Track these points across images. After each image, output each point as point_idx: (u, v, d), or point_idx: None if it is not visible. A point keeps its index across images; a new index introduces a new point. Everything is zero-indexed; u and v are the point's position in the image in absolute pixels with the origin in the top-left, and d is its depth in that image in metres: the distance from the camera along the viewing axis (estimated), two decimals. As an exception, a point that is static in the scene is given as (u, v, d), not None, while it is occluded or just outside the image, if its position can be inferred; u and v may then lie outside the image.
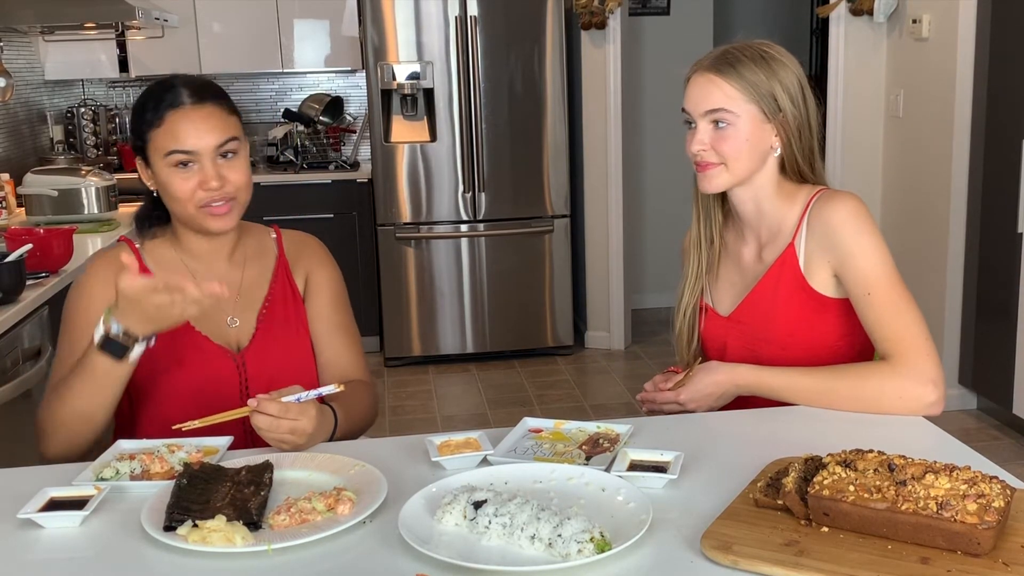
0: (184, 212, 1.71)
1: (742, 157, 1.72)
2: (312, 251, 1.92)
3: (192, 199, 1.68)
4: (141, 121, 1.70)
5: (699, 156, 1.73)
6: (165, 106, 1.68)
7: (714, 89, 1.70)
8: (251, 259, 1.85)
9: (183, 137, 1.66)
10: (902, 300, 1.67)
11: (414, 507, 1.30)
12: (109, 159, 5.15)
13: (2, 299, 2.46)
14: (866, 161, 4.57)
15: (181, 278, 1.54)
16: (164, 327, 1.57)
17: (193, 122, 1.67)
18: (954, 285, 4.10)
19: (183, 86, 1.70)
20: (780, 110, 1.71)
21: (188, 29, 5.10)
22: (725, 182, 1.74)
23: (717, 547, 1.18)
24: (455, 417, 4.42)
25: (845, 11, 4.49)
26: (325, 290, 1.89)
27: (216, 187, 1.67)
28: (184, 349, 1.74)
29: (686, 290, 1.89)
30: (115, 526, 1.33)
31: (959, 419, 4.07)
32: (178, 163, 1.67)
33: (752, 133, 1.71)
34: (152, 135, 1.68)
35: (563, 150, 5.01)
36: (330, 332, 1.87)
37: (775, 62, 1.72)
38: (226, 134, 1.69)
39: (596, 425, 1.59)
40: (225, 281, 1.78)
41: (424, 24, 4.83)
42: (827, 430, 1.58)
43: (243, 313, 1.81)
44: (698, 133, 1.72)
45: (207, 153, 1.67)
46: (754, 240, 1.82)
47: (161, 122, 1.67)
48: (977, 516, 1.13)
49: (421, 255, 5.04)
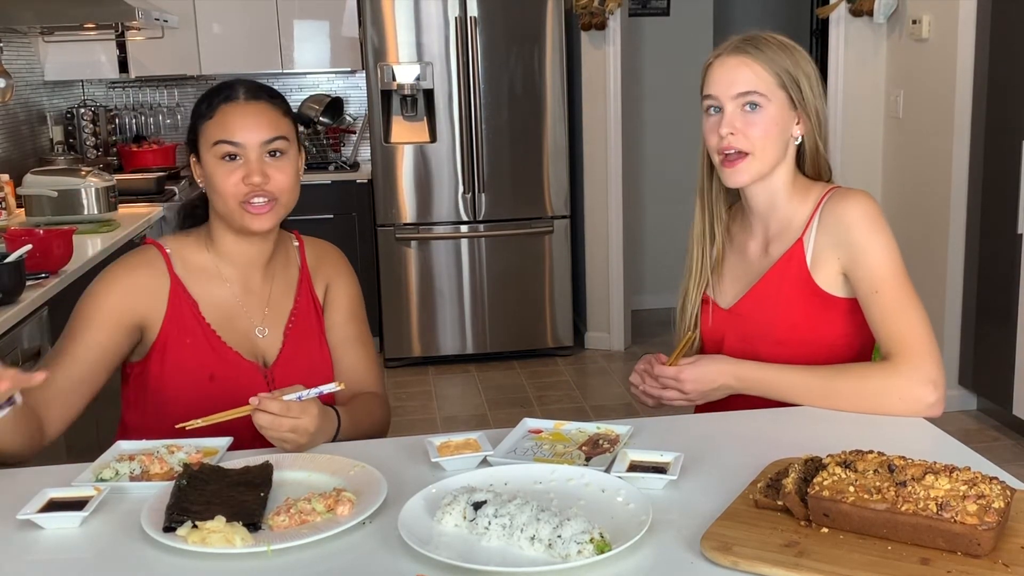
0: (225, 207, 1.70)
1: (769, 145, 1.69)
2: (333, 262, 1.91)
3: (235, 194, 1.68)
4: (196, 115, 1.73)
5: (727, 141, 1.68)
6: (219, 100, 1.70)
7: (746, 71, 1.68)
8: (279, 269, 1.84)
9: (232, 129, 1.68)
10: (909, 300, 1.67)
11: (414, 508, 1.30)
12: (109, 160, 5.15)
13: (2, 300, 2.46)
14: (866, 161, 4.57)
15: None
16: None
17: (244, 115, 1.69)
18: (954, 285, 4.10)
19: (241, 84, 1.73)
20: (804, 100, 1.70)
21: (188, 30, 5.10)
22: (753, 174, 1.71)
23: (717, 548, 1.18)
24: (455, 418, 4.42)
25: (845, 12, 4.49)
26: (343, 302, 1.89)
27: (259, 182, 1.67)
28: (215, 364, 1.73)
29: (691, 285, 1.87)
30: (115, 527, 1.33)
31: (959, 420, 4.07)
32: (224, 155, 1.68)
33: (781, 119, 1.69)
34: (204, 127, 1.70)
35: (563, 151, 5.01)
36: (347, 344, 1.87)
37: (797, 52, 1.72)
38: (275, 131, 1.70)
39: (596, 426, 1.59)
40: (255, 292, 1.80)
41: (424, 25, 4.83)
42: (827, 431, 1.58)
43: (271, 325, 1.80)
44: (727, 116, 1.68)
45: (253, 147, 1.68)
46: (762, 233, 1.81)
47: (213, 114, 1.69)
48: (977, 517, 1.13)
49: (421, 256, 5.04)
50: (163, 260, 1.76)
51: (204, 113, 1.71)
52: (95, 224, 3.65)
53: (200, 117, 1.72)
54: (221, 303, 1.77)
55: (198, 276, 1.77)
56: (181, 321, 1.74)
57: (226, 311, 1.77)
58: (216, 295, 1.77)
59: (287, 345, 1.79)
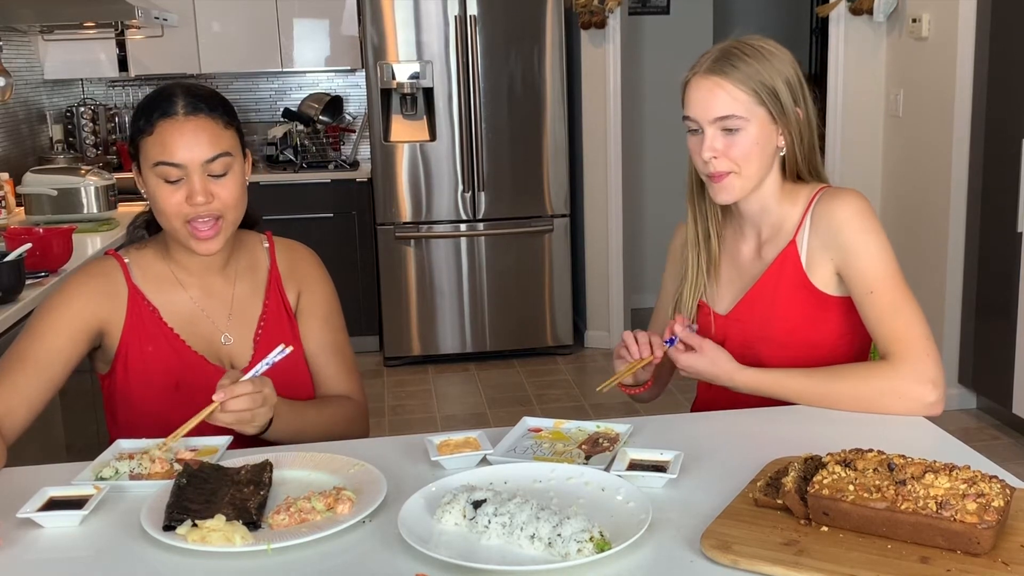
0: (170, 226, 1.66)
1: (753, 162, 1.68)
2: (306, 265, 1.86)
3: (178, 214, 1.63)
4: (135, 128, 1.66)
5: (710, 165, 1.67)
6: (158, 115, 1.62)
7: (721, 94, 1.65)
8: (243, 272, 1.80)
9: (171, 149, 1.61)
10: (904, 299, 1.66)
11: (414, 507, 1.30)
12: (108, 159, 5.15)
13: (1, 298, 2.46)
14: (866, 161, 4.57)
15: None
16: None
17: (183, 134, 1.61)
18: (954, 285, 4.10)
19: (180, 95, 1.64)
20: (784, 111, 1.68)
21: (187, 28, 5.10)
22: (740, 191, 1.70)
23: (717, 546, 1.18)
24: (454, 416, 4.42)
25: (845, 10, 4.49)
26: (319, 309, 1.84)
27: (202, 202, 1.61)
28: (180, 370, 1.71)
29: (685, 291, 1.85)
30: (114, 526, 1.33)
31: (959, 419, 4.07)
32: (164, 176, 1.62)
33: (762, 136, 1.67)
34: (143, 143, 1.63)
35: (563, 150, 5.01)
36: (323, 352, 1.83)
37: (774, 58, 1.68)
38: (217, 149, 1.62)
39: (596, 424, 1.59)
40: (217, 296, 1.77)
41: (424, 23, 4.83)
42: (827, 430, 1.58)
43: (237, 330, 1.77)
44: (707, 140, 1.67)
45: (195, 167, 1.61)
46: (754, 237, 1.80)
47: (152, 131, 1.62)
48: (977, 516, 1.13)
49: (421, 255, 5.04)
50: (120, 270, 1.73)
51: (143, 129, 1.63)
52: (95, 223, 3.66)
53: (139, 132, 1.64)
54: (182, 308, 1.74)
55: (157, 284, 1.74)
56: (141, 329, 1.71)
57: (188, 316, 1.74)
58: (176, 301, 1.74)
59: (258, 353, 1.75)
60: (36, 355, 1.64)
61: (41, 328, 1.67)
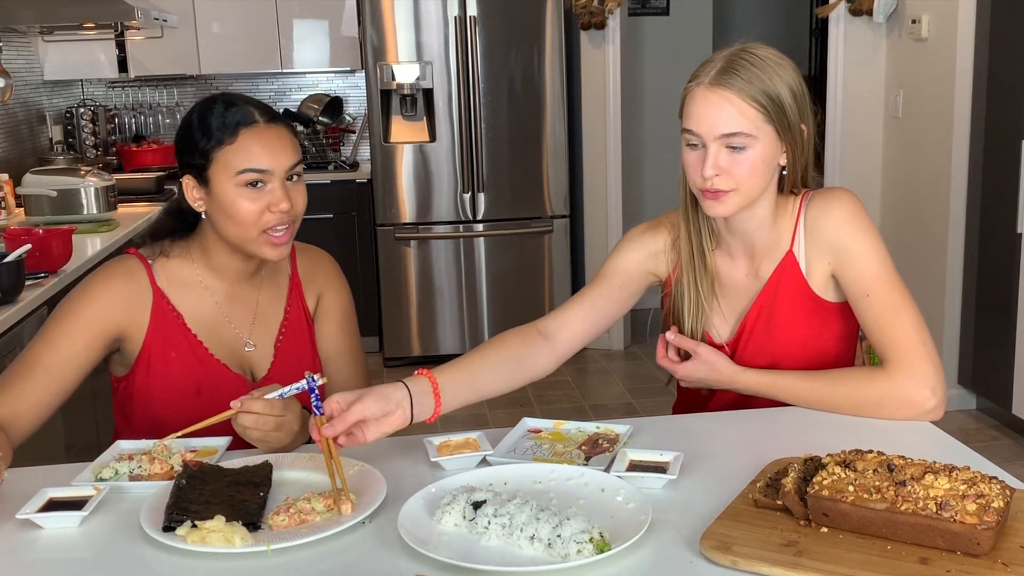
0: (243, 235, 1.65)
1: (756, 180, 1.58)
2: (325, 272, 1.87)
3: (258, 222, 1.63)
4: (206, 138, 1.63)
5: (711, 183, 1.56)
6: (237, 124, 1.62)
7: (729, 108, 1.53)
8: (267, 278, 1.80)
9: (257, 155, 1.62)
10: (902, 303, 1.62)
11: (413, 507, 1.30)
12: (108, 159, 5.15)
13: (1, 299, 2.46)
14: (866, 161, 4.57)
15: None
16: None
17: (268, 141, 1.63)
18: (954, 285, 4.10)
19: (252, 105, 1.66)
20: (790, 127, 1.58)
21: (187, 29, 5.10)
22: (735, 207, 1.60)
23: (716, 547, 1.18)
24: (454, 417, 4.39)
25: (845, 11, 4.49)
26: (335, 313, 1.86)
27: (286, 209, 1.63)
28: (201, 376, 1.71)
29: (686, 315, 1.74)
30: (114, 526, 1.33)
31: (959, 419, 4.07)
32: (249, 182, 1.62)
33: (767, 155, 1.57)
34: (220, 153, 1.62)
35: (562, 150, 5.01)
36: (338, 356, 1.85)
37: (782, 70, 1.57)
38: (296, 155, 1.67)
39: (595, 425, 1.59)
40: (242, 302, 1.77)
41: (423, 24, 4.83)
42: (827, 430, 1.58)
43: (259, 336, 1.77)
44: (711, 158, 1.55)
45: (280, 173, 1.63)
46: (744, 257, 1.72)
47: (235, 140, 1.62)
48: (976, 516, 1.13)
49: (420, 255, 5.04)
50: (145, 272, 1.71)
51: (222, 139, 1.62)
52: (94, 224, 3.65)
53: (213, 141, 1.63)
54: (206, 314, 1.74)
55: (181, 288, 1.73)
56: (166, 334, 1.70)
57: (211, 322, 1.74)
58: (201, 306, 1.73)
59: (278, 359, 1.76)
60: (49, 362, 1.62)
61: (57, 333, 1.65)
